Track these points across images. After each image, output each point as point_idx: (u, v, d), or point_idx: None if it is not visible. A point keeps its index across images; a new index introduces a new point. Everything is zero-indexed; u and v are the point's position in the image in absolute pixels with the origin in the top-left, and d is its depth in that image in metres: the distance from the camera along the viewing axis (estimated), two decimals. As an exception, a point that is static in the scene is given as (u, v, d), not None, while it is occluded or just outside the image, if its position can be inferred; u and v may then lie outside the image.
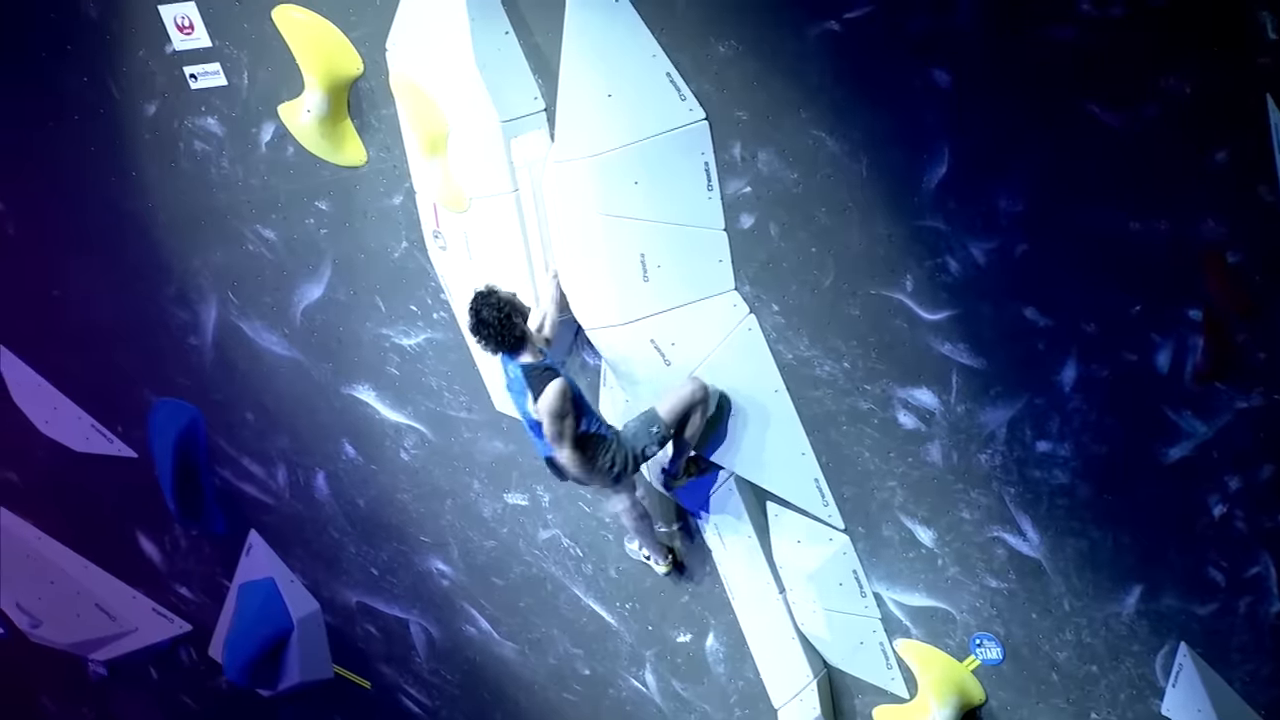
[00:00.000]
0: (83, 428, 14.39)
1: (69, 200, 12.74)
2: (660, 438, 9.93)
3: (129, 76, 11.61)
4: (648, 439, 9.90)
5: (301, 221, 11.53)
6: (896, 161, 8.85)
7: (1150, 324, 8.48)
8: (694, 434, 10.01)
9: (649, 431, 9.89)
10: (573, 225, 9.82)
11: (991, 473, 9.46)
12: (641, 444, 9.91)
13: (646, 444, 9.92)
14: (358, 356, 12.04)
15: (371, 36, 10.31)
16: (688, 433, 9.99)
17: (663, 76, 9.25)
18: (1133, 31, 7.78)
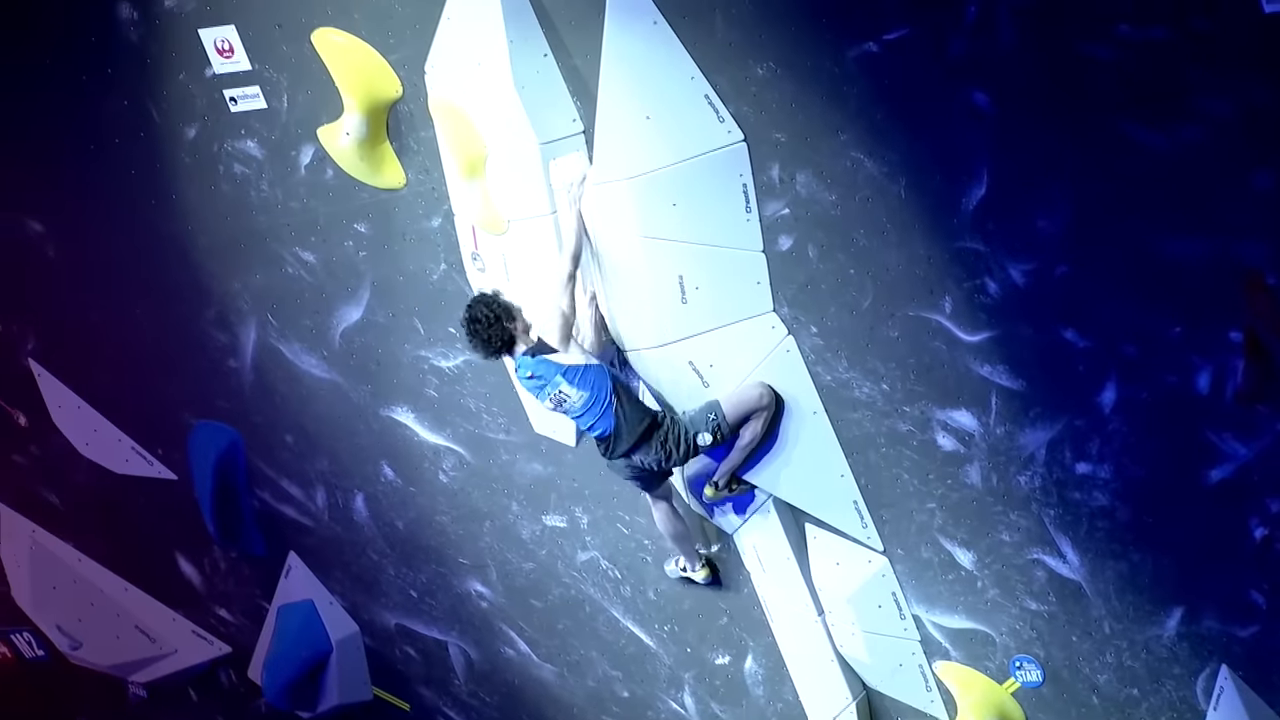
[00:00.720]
0: (123, 450, 14.43)
1: (109, 223, 12.78)
2: (715, 426, 9.90)
3: (169, 100, 11.65)
4: (704, 424, 9.90)
5: (340, 244, 11.56)
6: (935, 183, 8.84)
7: (1190, 346, 8.44)
8: (751, 442, 10.02)
9: (707, 418, 9.90)
10: (611, 247, 9.82)
11: (1031, 495, 9.44)
12: (697, 429, 9.93)
13: (701, 430, 9.92)
14: (396, 379, 12.06)
15: (410, 59, 10.34)
16: (745, 438, 10.01)
17: (701, 98, 9.26)
18: (1173, 52, 7.76)
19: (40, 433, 14.77)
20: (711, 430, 9.92)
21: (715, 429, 9.91)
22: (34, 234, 13.29)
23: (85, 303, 13.53)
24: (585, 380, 9.80)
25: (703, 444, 9.97)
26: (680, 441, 9.95)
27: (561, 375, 9.78)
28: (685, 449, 9.99)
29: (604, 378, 9.84)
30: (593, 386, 9.81)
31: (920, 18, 8.41)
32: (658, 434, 9.96)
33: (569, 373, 9.78)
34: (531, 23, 9.68)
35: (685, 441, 9.96)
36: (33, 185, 13.01)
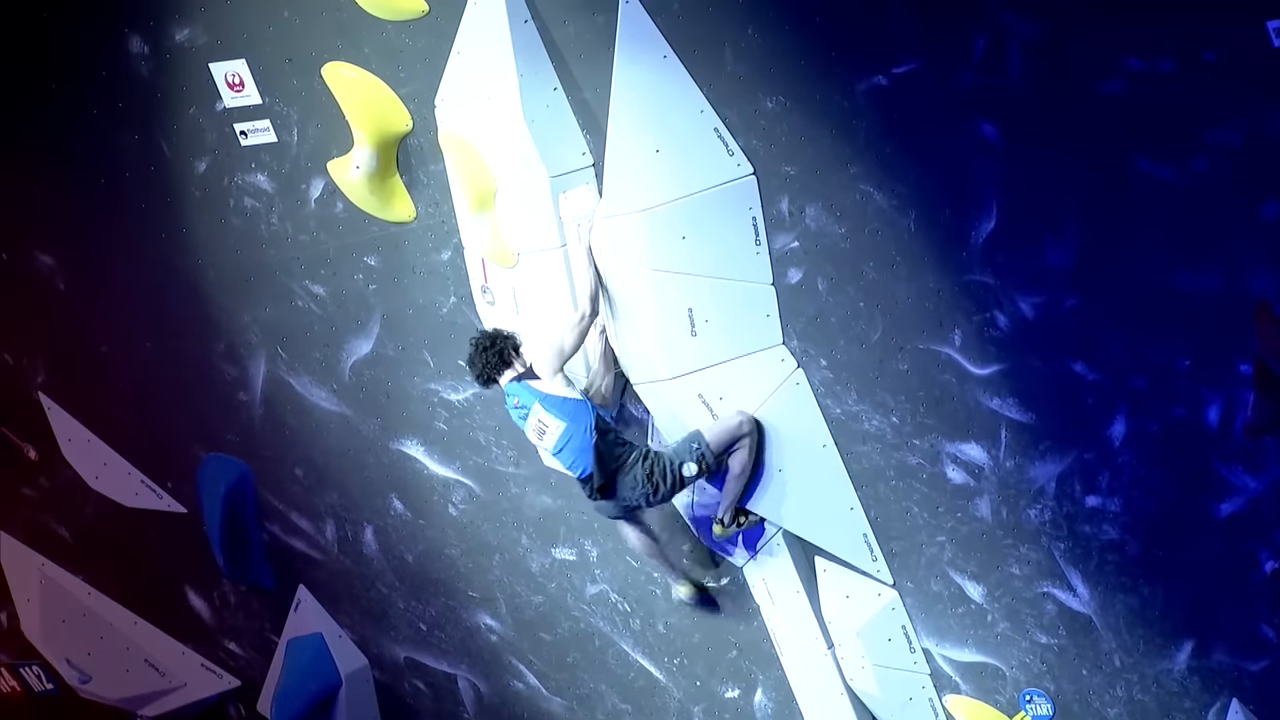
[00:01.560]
0: (132, 483, 14.42)
1: (119, 257, 12.80)
2: (699, 456, 9.90)
3: (180, 134, 11.68)
4: (688, 454, 9.90)
5: (350, 277, 11.57)
6: (945, 216, 8.85)
7: (1200, 379, 8.45)
8: (741, 473, 10.03)
9: (690, 448, 9.91)
10: (621, 280, 9.83)
11: (1041, 528, 9.43)
12: (681, 459, 9.92)
13: (685, 460, 9.91)
14: (406, 412, 12.06)
15: (420, 93, 10.36)
16: (734, 469, 10.02)
17: (710, 132, 9.28)
18: (1182, 85, 7.77)
19: (50, 466, 14.77)
20: (696, 460, 9.91)
21: (700, 459, 9.91)
22: (44, 267, 13.31)
23: (95, 336, 13.54)
24: (564, 411, 9.86)
25: (688, 475, 9.96)
26: (666, 474, 9.94)
27: (540, 402, 9.87)
28: (671, 481, 9.97)
29: (585, 413, 9.88)
30: (571, 418, 9.86)
31: (929, 51, 8.43)
32: (641, 467, 9.95)
33: (547, 400, 9.86)
34: (541, 56, 9.70)
35: (671, 473, 9.95)
36: (44, 219, 13.03)
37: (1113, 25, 7.85)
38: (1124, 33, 7.84)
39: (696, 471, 9.95)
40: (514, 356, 10.00)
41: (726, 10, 8.96)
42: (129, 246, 12.63)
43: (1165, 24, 7.73)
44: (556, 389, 9.87)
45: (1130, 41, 7.81)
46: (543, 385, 9.87)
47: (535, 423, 9.96)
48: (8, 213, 13.15)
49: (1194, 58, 7.69)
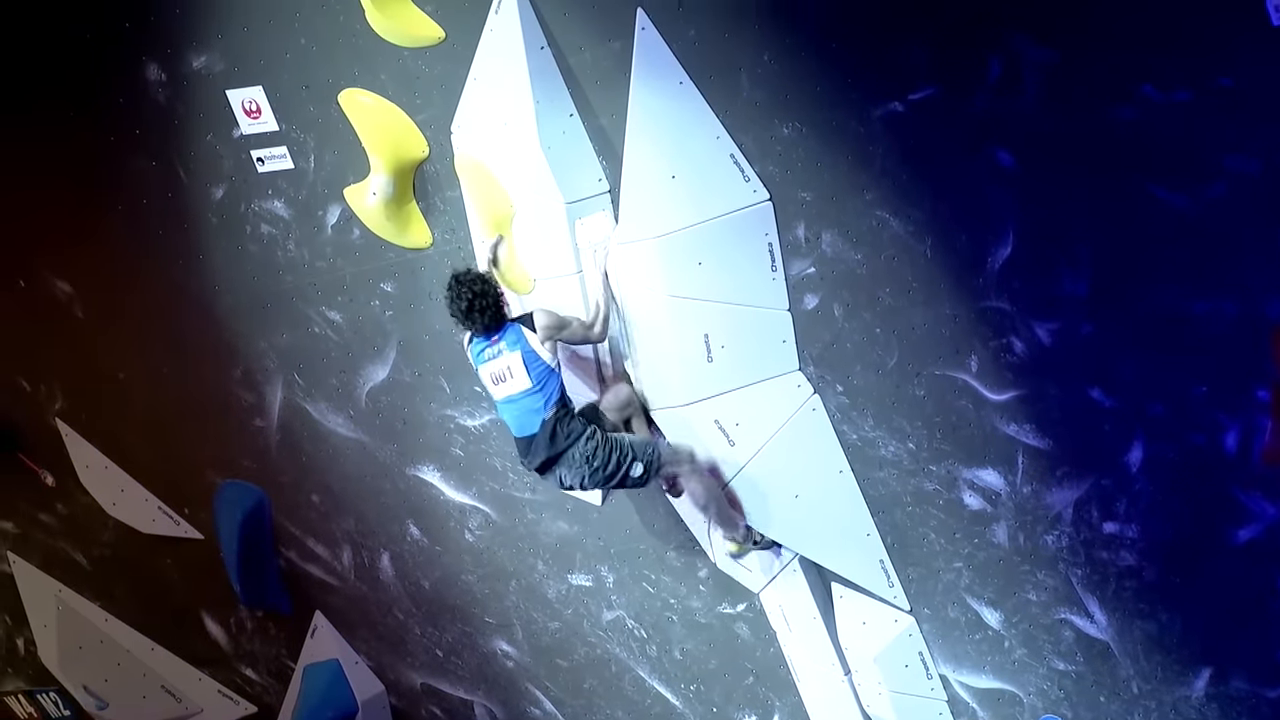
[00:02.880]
0: (149, 509, 14.45)
1: (136, 284, 12.83)
2: (649, 461, 9.90)
3: (197, 160, 11.71)
4: (642, 454, 9.91)
5: (367, 303, 11.58)
6: (961, 242, 8.85)
7: (1217, 405, 8.43)
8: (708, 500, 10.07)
9: (647, 450, 9.93)
10: (637, 306, 9.84)
11: (1058, 554, 9.41)
12: (634, 456, 9.88)
13: (637, 459, 9.88)
14: (422, 438, 12.07)
15: (437, 119, 10.38)
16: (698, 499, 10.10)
17: (726, 158, 9.28)
18: (1197, 111, 7.77)
19: (67, 492, 14.80)
20: (645, 463, 9.88)
21: (649, 464, 9.89)
22: (62, 294, 13.34)
23: (113, 363, 13.58)
24: (536, 373, 9.71)
25: (634, 473, 9.89)
26: (611, 459, 9.83)
27: (522, 352, 9.67)
28: (614, 469, 9.85)
29: (553, 386, 9.77)
30: (538, 384, 9.74)
31: (945, 78, 8.43)
32: (583, 448, 9.80)
33: (529, 354, 9.69)
34: (557, 83, 9.72)
35: (617, 463, 9.84)
36: (61, 246, 13.07)
37: (1127, 51, 7.85)
38: (1139, 59, 7.83)
39: (641, 473, 9.89)
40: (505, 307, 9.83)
41: (742, 37, 8.97)
42: (146, 273, 12.66)
43: (1180, 50, 7.73)
44: (543, 350, 9.70)
45: (1145, 67, 7.81)
46: (533, 339, 9.69)
47: (502, 368, 9.78)
48: (26, 240, 13.19)
49: (1208, 83, 7.69)
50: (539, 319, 9.67)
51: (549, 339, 9.68)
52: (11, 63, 12.07)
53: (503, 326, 9.72)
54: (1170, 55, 7.75)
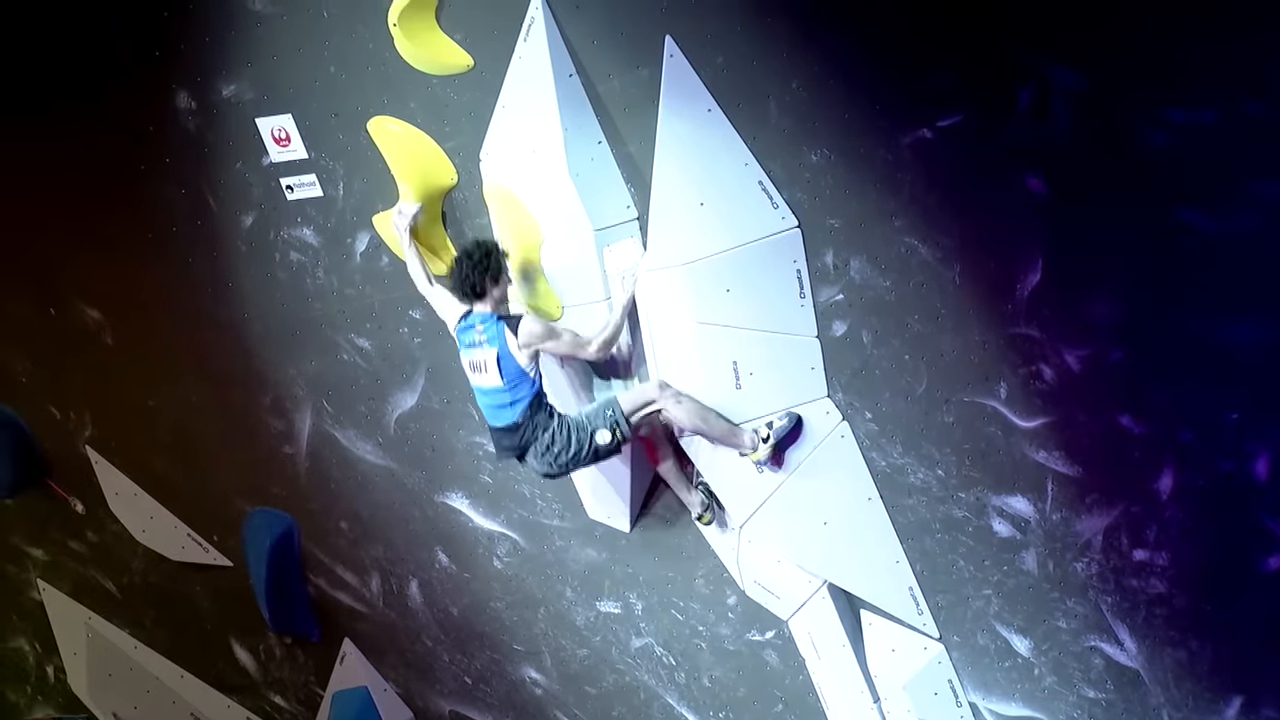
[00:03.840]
0: (179, 536, 14.47)
1: (166, 311, 12.86)
2: (613, 423, 9.88)
3: (226, 188, 11.74)
4: (601, 421, 9.89)
5: (396, 330, 11.60)
6: (990, 269, 8.84)
7: (1248, 432, 8.40)
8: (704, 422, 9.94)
9: (604, 414, 9.91)
10: (666, 333, 9.84)
11: (1088, 581, 9.39)
12: (594, 426, 9.90)
13: (599, 427, 9.89)
14: (451, 465, 12.08)
15: (466, 147, 10.40)
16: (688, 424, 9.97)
17: (755, 184, 9.29)
18: (1227, 136, 7.75)
19: (97, 520, 14.83)
20: (610, 427, 9.89)
21: (614, 426, 9.89)
22: (92, 322, 13.38)
23: (142, 390, 13.60)
24: (510, 376, 9.91)
25: (601, 442, 9.91)
26: (573, 441, 9.92)
27: (500, 354, 9.88)
28: (578, 449, 9.94)
29: (526, 392, 9.93)
30: (510, 386, 9.93)
31: (974, 104, 8.43)
32: (544, 438, 9.97)
33: (506, 357, 9.87)
34: (586, 110, 9.73)
35: (579, 441, 9.91)
36: (91, 274, 13.11)
37: (1156, 76, 7.84)
38: (1168, 84, 7.83)
39: (610, 439, 9.91)
40: (490, 294, 9.97)
41: (770, 64, 8.98)
42: (176, 301, 12.69)
43: (1209, 75, 7.72)
44: (519, 353, 9.86)
45: (1174, 93, 7.80)
46: (512, 343, 9.84)
47: (479, 359, 10.02)
48: (56, 268, 13.24)
49: (1237, 108, 7.68)
50: (523, 325, 9.83)
51: (528, 345, 9.82)
52: (42, 90, 12.11)
53: (479, 302, 9.97)
54: (1200, 81, 7.74)
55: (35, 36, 11.83)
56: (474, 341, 10.03)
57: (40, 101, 12.20)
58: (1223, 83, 7.70)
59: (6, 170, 12.78)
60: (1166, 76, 7.82)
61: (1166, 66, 7.81)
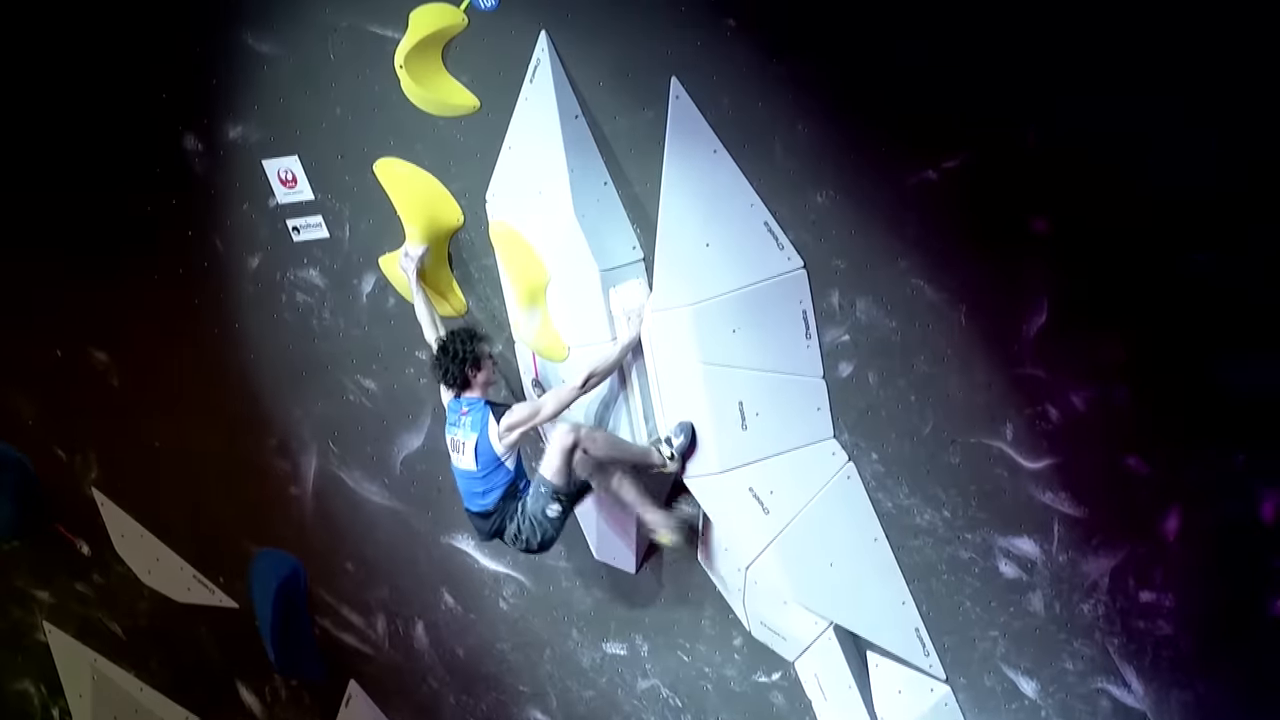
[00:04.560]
0: (184, 578, 14.44)
1: (172, 352, 12.86)
2: (554, 492, 9.98)
3: (233, 230, 11.75)
4: (543, 500, 10.01)
5: (402, 371, 11.60)
6: (995, 309, 8.84)
7: (1255, 474, 8.39)
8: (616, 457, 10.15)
9: (540, 494, 10.02)
10: (672, 373, 9.84)
11: (1094, 623, 9.37)
12: (541, 506, 10.03)
13: (544, 504, 10.01)
14: (457, 506, 11.99)
15: (472, 188, 10.42)
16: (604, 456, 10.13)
17: (761, 225, 9.30)
18: (1232, 180, 7.76)
19: (103, 562, 14.80)
20: (554, 499, 10.02)
21: (555, 496, 10.01)
22: (99, 363, 13.38)
23: (148, 432, 13.60)
24: (486, 463, 10.06)
25: (554, 515, 10.06)
26: (536, 528, 10.12)
27: (478, 441, 10.03)
28: (543, 533, 10.14)
29: (501, 481, 10.10)
30: (484, 473, 10.11)
31: (978, 144, 8.44)
32: (511, 528, 10.19)
33: (483, 445, 10.02)
34: (592, 151, 9.75)
35: (536, 523, 10.10)
36: (97, 315, 13.11)
37: (1159, 116, 7.87)
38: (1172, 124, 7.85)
39: (560, 509, 10.06)
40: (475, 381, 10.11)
41: (776, 106, 9.00)
42: (182, 342, 12.69)
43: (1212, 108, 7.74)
44: (497, 444, 9.99)
45: (1180, 133, 7.82)
46: (493, 430, 9.97)
47: (459, 441, 10.16)
48: (62, 310, 13.24)
49: (1239, 153, 7.70)
50: (507, 416, 9.97)
51: (511, 431, 9.95)
52: (49, 133, 12.13)
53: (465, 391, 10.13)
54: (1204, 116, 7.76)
55: (43, 78, 11.85)
56: (457, 422, 10.17)
57: (46, 145, 12.22)
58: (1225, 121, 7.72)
59: (12, 214, 12.79)
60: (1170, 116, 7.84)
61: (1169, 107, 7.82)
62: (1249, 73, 7.61)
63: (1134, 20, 7.79)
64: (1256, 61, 7.59)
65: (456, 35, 9.97)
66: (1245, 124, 7.69)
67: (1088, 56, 7.97)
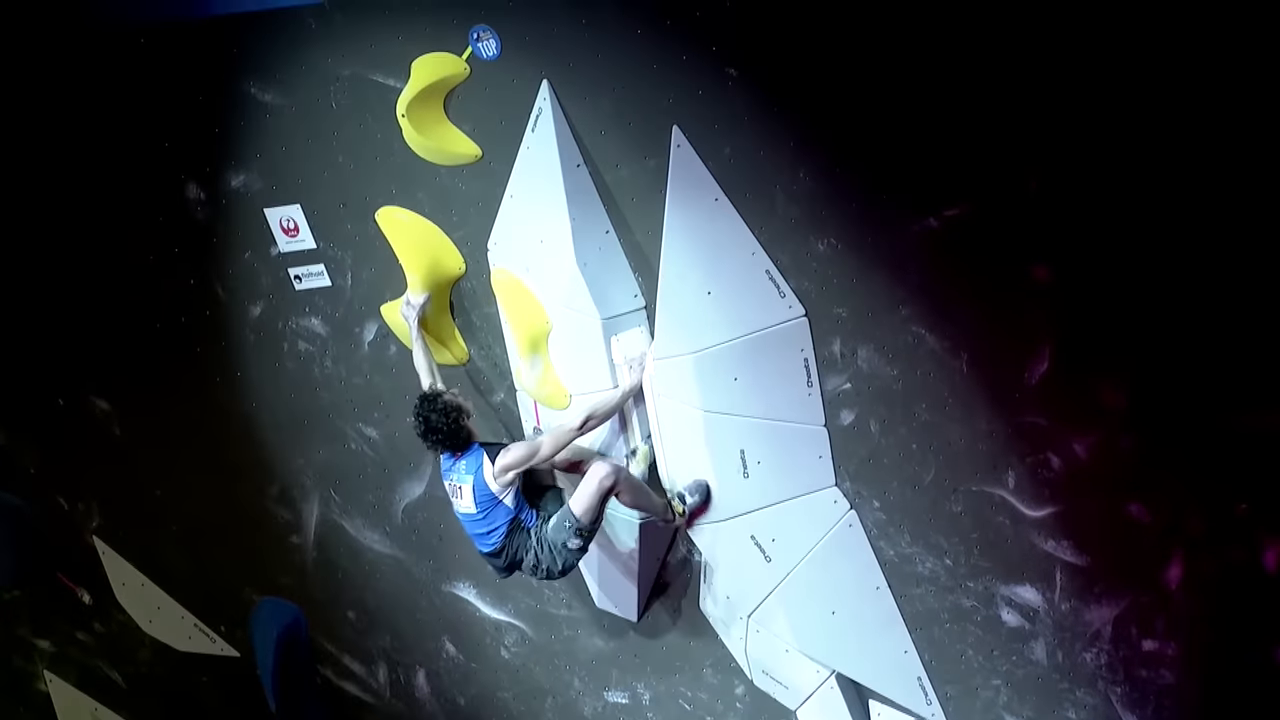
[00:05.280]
0: (185, 627, 14.42)
1: (174, 401, 12.86)
2: (577, 529, 10.00)
3: (235, 278, 11.76)
4: (565, 534, 10.03)
5: (403, 419, 11.58)
6: (997, 357, 8.84)
7: (1258, 522, 8.38)
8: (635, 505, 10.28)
9: (564, 526, 10.03)
10: (673, 421, 9.84)
11: (1097, 671, 9.35)
12: (562, 539, 10.05)
13: (566, 538, 10.04)
14: (458, 554, 12.06)
15: (473, 236, 10.44)
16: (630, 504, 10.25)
17: (762, 274, 9.31)
18: (1232, 226, 7.78)
19: (104, 610, 14.78)
20: (576, 534, 10.03)
21: (578, 533, 10.03)
22: (100, 412, 13.38)
23: (150, 480, 13.59)
24: (484, 504, 10.06)
25: (574, 548, 10.10)
26: (556, 558, 10.16)
27: (474, 483, 10.05)
28: (564, 562, 10.19)
29: (503, 517, 10.10)
30: (484, 514, 10.11)
31: (980, 193, 8.45)
32: (529, 560, 10.23)
33: (480, 486, 10.02)
34: (593, 200, 9.77)
35: (554, 554, 10.14)
36: (99, 364, 13.12)
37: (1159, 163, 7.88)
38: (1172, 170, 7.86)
39: (580, 543, 10.09)
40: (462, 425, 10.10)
41: (777, 154, 9.02)
42: (184, 391, 12.69)
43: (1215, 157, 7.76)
44: (495, 481, 10.00)
45: (1180, 180, 7.84)
46: (488, 470, 9.98)
47: (456, 485, 10.16)
48: (63, 358, 13.24)
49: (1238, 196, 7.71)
50: (502, 457, 9.96)
51: (507, 471, 9.95)
52: (52, 182, 12.15)
53: (467, 448, 10.09)
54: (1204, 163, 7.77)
55: (47, 129, 11.88)
56: (453, 468, 10.18)
57: (50, 193, 12.23)
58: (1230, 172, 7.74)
59: (14, 260, 12.80)
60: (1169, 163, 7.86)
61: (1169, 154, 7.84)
62: (1249, 122, 7.63)
63: (1134, 71, 7.81)
64: (1257, 111, 7.60)
65: (459, 84, 10.00)
66: (1246, 172, 7.70)
67: (1089, 105, 7.98)
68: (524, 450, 9.91)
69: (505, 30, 9.63)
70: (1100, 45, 7.82)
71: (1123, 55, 7.80)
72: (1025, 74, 8.09)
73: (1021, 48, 8.04)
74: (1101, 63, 7.87)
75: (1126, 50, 7.77)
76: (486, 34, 9.67)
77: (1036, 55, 8.03)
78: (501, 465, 9.92)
